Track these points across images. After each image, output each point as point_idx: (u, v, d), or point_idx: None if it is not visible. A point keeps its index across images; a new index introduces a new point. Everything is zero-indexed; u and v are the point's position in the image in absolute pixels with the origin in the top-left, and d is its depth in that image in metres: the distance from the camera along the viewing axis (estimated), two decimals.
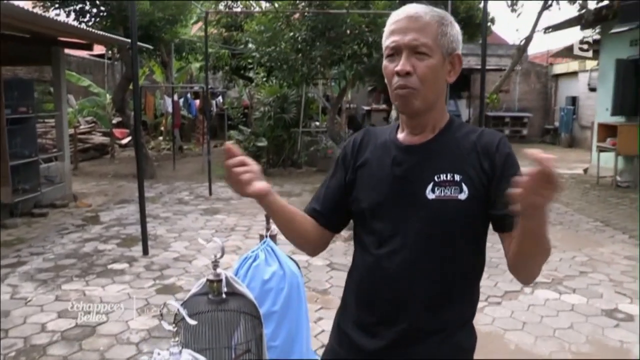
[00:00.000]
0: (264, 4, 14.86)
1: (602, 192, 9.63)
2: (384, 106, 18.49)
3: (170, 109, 13.53)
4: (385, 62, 1.40)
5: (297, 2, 9.88)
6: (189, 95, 14.41)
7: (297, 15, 10.20)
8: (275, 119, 12.33)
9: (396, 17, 1.38)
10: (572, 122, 18.25)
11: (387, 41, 1.39)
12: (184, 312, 1.69)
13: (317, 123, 13.21)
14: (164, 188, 9.64)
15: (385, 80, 1.40)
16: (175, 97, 13.32)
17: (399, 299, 1.40)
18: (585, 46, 9.70)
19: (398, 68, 1.34)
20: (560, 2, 9.02)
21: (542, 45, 35.47)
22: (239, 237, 6.37)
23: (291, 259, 2.81)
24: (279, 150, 12.00)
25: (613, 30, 8.67)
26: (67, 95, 14.15)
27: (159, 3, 10.33)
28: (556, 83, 20.54)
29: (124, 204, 8.11)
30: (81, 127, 14.00)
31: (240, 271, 2.71)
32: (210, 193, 9.02)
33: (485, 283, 4.81)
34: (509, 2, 8.87)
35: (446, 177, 1.35)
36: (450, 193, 1.35)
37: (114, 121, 13.82)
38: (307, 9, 9.67)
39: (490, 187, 1.35)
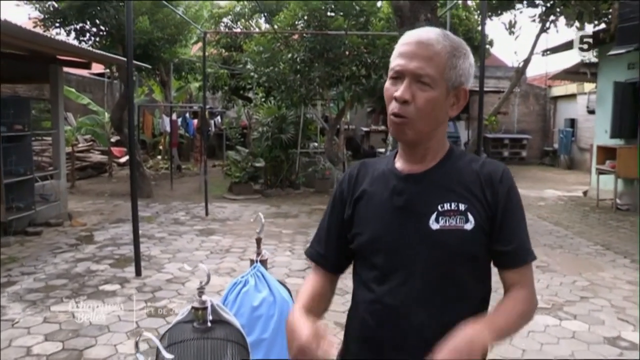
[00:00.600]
0: (263, 25, 14.97)
1: (602, 215, 9.56)
2: (382, 127, 18.50)
3: (168, 128, 13.51)
4: (387, 84, 1.35)
5: (296, 23, 9.89)
6: (187, 114, 14.40)
7: (295, 36, 10.22)
8: (273, 139, 12.29)
9: (407, 39, 1.32)
10: (571, 144, 18.26)
11: (393, 62, 1.34)
12: (159, 345, 1.61)
13: (316, 144, 13.18)
14: (161, 208, 9.56)
15: (385, 101, 1.35)
16: (174, 116, 13.30)
17: (404, 338, 1.32)
18: (585, 48, 9.60)
19: (397, 94, 1.29)
20: (558, 24, 9.03)
21: (540, 68, 35.74)
22: (234, 259, 6.27)
23: (282, 284, 2.73)
24: (276, 170, 11.94)
25: (610, 53, 8.68)
26: (65, 113, 14.21)
27: (158, 22, 10.35)
28: (555, 105, 20.60)
29: (119, 224, 8.02)
30: (79, 145, 13.97)
31: (229, 297, 2.63)
32: (207, 213, 8.94)
33: None
34: (507, 25, 8.90)
35: (450, 206, 1.30)
36: (456, 223, 1.29)
37: (112, 140, 13.80)
38: (305, 29, 9.69)
39: (493, 219, 1.31)
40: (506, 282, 1.36)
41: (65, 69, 12.87)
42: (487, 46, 14.43)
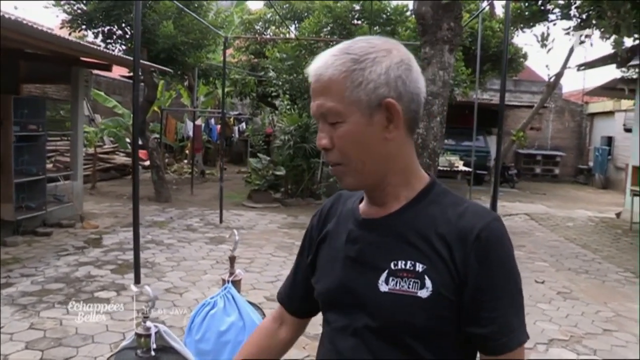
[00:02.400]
0: (292, 33, 14.86)
1: (635, 239, 9.03)
2: None
3: (190, 133, 13.48)
4: None
5: (321, 30, 9.71)
6: (212, 120, 14.36)
7: (320, 44, 10.04)
8: (295, 148, 12.10)
9: (309, 75, 1.07)
10: (607, 162, 17.62)
11: None
12: None
13: None
14: (176, 213, 9.45)
15: None
16: (198, 121, 13.26)
17: None
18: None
19: (317, 143, 1.07)
20: (592, 38, 8.62)
21: (577, 83, 34.84)
22: (239, 270, 6.06)
23: (257, 307, 2.50)
24: (297, 180, 11.73)
25: None
26: (94, 115, 14.35)
27: (183, 27, 10.30)
28: (591, 122, 19.96)
29: (130, 227, 7.86)
30: (105, 146, 14.07)
31: (196, 319, 2.42)
32: (221, 221, 8.78)
33: None
34: (539, 37, 8.53)
35: (405, 265, 1.02)
36: (408, 287, 1.01)
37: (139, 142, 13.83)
38: (329, 36, 9.49)
39: (461, 290, 1.00)
40: None
41: (95, 72, 13.06)
42: (521, 59, 14.03)
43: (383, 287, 1.02)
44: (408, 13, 10.22)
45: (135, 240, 5.17)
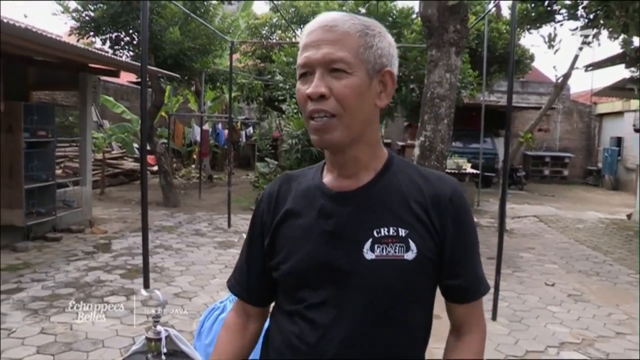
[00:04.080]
0: (298, 36, 14.88)
1: None
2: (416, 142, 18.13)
3: (198, 138, 13.52)
4: (297, 85, 1.11)
5: None
6: (219, 125, 14.39)
7: None
8: (302, 152, 12.11)
9: (309, 29, 1.11)
10: (616, 163, 17.50)
11: (299, 58, 1.10)
12: None
13: None
14: (184, 218, 9.47)
15: (300, 107, 1.12)
16: (205, 126, 13.30)
17: None
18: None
19: (309, 90, 1.06)
20: (599, 39, 8.57)
21: (585, 84, 34.65)
22: None
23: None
24: None
25: None
26: (102, 121, 14.43)
27: (190, 32, 10.34)
28: (600, 123, 19.84)
29: (139, 232, 7.86)
30: (113, 152, 14.14)
31: (205, 323, 2.42)
32: (229, 225, 8.80)
33: (504, 340, 4.38)
34: (546, 38, 8.49)
35: (388, 231, 1.08)
36: (395, 252, 1.07)
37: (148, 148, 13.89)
38: None
39: (440, 248, 1.12)
40: (453, 317, 1.24)
41: (103, 78, 13.14)
42: (528, 60, 13.98)
43: (369, 255, 1.07)
44: (414, 16, 10.22)
45: (144, 245, 5.20)
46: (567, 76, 9.18)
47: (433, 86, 5.98)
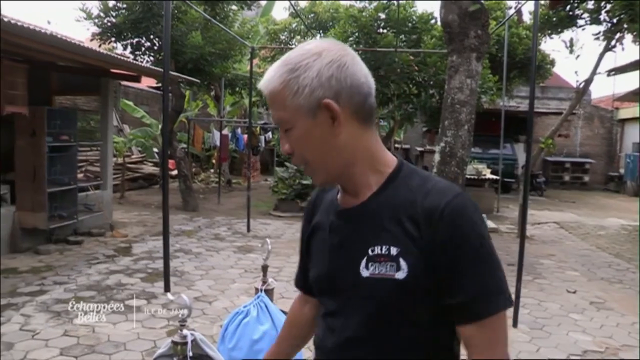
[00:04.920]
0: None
1: None
2: (436, 147, 18.04)
3: (217, 143, 13.60)
4: None
5: (347, 39, 9.74)
6: (238, 130, 14.46)
7: None
8: None
9: None
10: (638, 169, 17.22)
11: None
12: None
13: None
14: (204, 222, 9.53)
15: None
16: (225, 131, 13.39)
17: None
18: None
19: (281, 149, 1.24)
20: (624, 42, 8.47)
21: (607, 89, 34.20)
22: (271, 279, 6.08)
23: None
24: None
25: None
26: (122, 125, 14.60)
27: (210, 38, 10.44)
28: (622, 128, 19.59)
29: (159, 236, 7.97)
30: (133, 156, 14.28)
31: (229, 327, 2.44)
32: (249, 230, 8.83)
33: (526, 348, 4.34)
34: (567, 43, 8.42)
35: (381, 250, 1.08)
36: (386, 270, 1.07)
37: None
38: (354, 46, 9.52)
39: (435, 267, 1.05)
40: (463, 342, 1.13)
41: (124, 83, 13.29)
42: (548, 66, 13.87)
43: (364, 273, 1.09)
44: (433, 21, 10.20)
45: (165, 249, 5.25)
46: (589, 81, 9.07)
47: (454, 92, 5.95)
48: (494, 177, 12.02)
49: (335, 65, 1.08)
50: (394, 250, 1.07)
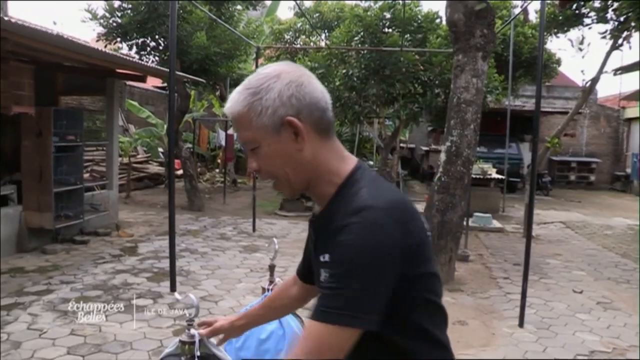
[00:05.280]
0: (323, 42, 14.93)
1: None
2: (442, 147, 18.01)
3: (223, 142, 13.62)
4: None
5: (352, 39, 9.73)
6: None
7: (352, 53, 10.06)
8: None
9: None
10: None
11: None
12: None
13: (371, 162, 12.94)
14: (209, 222, 9.55)
15: None
16: (230, 130, 13.40)
17: None
18: None
19: (248, 167, 1.34)
20: (631, 41, 8.42)
21: (613, 88, 34.05)
22: (278, 278, 6.08)
23: (296, 315, 2.50)
24: None
25: None
26: (127, 125, 14.64)
27: (215, 38, 10.45)
28: (629, 127, 19.50)
29: (165, 236, 7.98)
30: (138, 156, 14.32)
31: None
32: (254, 229, 8.84)
33: (532, 347, 4.33)
34: (573, 42, 8.38)
35: (324, 257, 1.16)
36: (327, 276, 1.14)
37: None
38: (360, 45, 9.51)
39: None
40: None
41: (129, 83, 13.32)
42: (554, 65, 13.82)
43: (322, 277, 1.15)
44: (438, 20, 10.17)
45: (171, 248, 5.27)
46: (595, 80, 9.03)
47: (459, 91, 5.94)
48: (500, 176, 11.99)
49: (294, 85, 1.18)
50: (327, 258, 1.13)
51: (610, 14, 8.35)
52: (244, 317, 1.74)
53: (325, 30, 13.93)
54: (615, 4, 8.12)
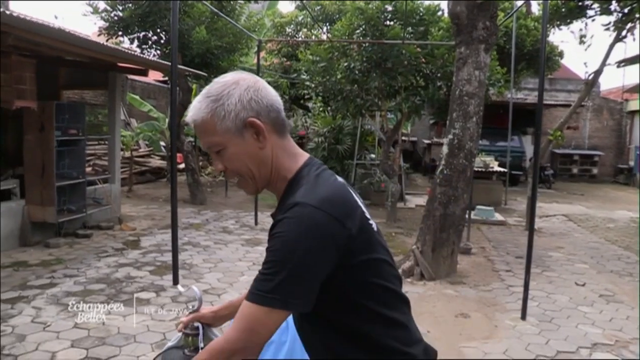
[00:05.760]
0: (324, 35, 14.89)
1: None
2: (444, 140, 17.99)
3: None
4: None
5: (353, 32, 9.69)
6: None
7: (353, 46, 10.02)
8: (329, 149, 12.17)
9: None
10: None
11: None
12: None
13: (373, 156, 12.92)
14: (212, 215, 9.56)
15: None
16: None
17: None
18: None
19: (215, 169, 1.42)
20: (635, 32, 8.37)
21: (616, 80, 33.88)
22: None
23: None
24: None
25: None
26: (129, 119, 14.63)
27: (216, 31, 10.42)
28: (632, 120, 19.46)
29: (167, 229, 8.00)
30: (140, 150, 14.32)
31: None
32: (256, 223, 8.85)
33: (535, 340, 4.34)
34: (576, 34, 8.34)
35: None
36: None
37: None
38: (361, 38, 9.47)
39: None
40: None
41: (131, 77, 13.30)
42: (557, 57, 13.76)
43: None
44: (440, 13, 10.12)
45: (173, 241, 5.27)
46: (598, 73, 8.99)
47: (462, 84, 5.93)
48: (502, 169, 11.97)
49: (252, 90, 1.31)
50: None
51: (614, 6, 8.29)
52: (228, 306, 1.75)
53: (327, 24, 13.89)
54: None
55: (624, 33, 8.45)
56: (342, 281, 1.27)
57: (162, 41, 10.65)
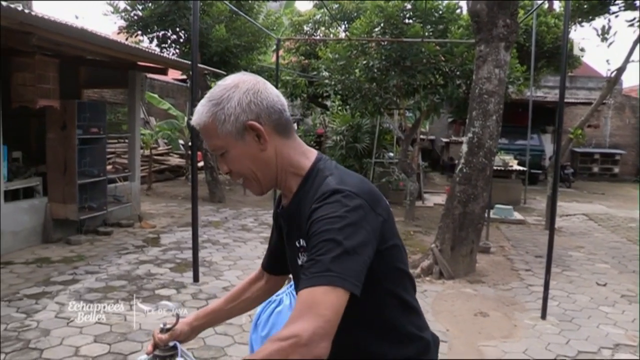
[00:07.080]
0: (342, 33, 14.88)
1: None
2: (463, 138, 17.86)
3: None
4: None
5: (373, 29, 9.67)
6: None
7: (372, 44, 10.00)
8: (347, 148, 12.16)
9: None
10: None
11: None
12: None
13: (391, 154, 12.88)
14: (230, 213, 9.62)
15: None
16: None
17: None
18: None
19: (220, 171, 1.47)
20: None
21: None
22: None
23: None
24: None
25: None
26: (148, 117, 14.76)
27: (235, 30, 10.48)
28: None
29: (187, 227, 8.08)
30: (159, 148, 14.44)
31: (262, 316, 2.47)
32: None
33: (555, 340, 4.30)
34: (600, 31, 8.22)
35: (299, 243, 1.32)
36: (306, 259, 1.24)
37: (190, 144, 14.12)
38: (381, 36, 9.45)
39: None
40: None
41: (150, 75, 13.42)
42: (579, 54, 13.57)
43: (300, 261, 1.32)
44: (459, 11, 10.06)
45: (193, 239, 5.32)
46: (621, 70, 8.85)
47: (482, 82, 5.89)
48: (521, 168, 11.87)
49: (251, 93, 1.30)
50: (303, 242, 1.29)
51: (638, 1, 8.16)
52: (203, 316, 1.64)
53: (345, 22, 13.86)
54: None
55: None
56: (375, 267, 1.24)
57: (181, 40, 10.74)
